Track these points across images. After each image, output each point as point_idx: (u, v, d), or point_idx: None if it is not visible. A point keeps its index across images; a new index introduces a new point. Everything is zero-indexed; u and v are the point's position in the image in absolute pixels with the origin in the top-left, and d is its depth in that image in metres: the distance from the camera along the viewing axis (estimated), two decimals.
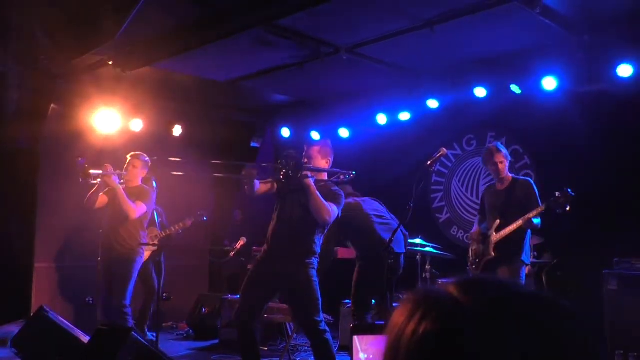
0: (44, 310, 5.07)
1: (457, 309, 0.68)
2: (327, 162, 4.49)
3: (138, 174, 5.79)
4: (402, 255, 5.32)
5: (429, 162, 4.60)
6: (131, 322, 5.68)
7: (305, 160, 4.40)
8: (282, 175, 4.11)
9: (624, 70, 5.48)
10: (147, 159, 5.87)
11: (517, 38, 5.48)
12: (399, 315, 0.72)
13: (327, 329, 4.21)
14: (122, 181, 5.60)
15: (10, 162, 6.48)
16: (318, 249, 4.33)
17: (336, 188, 4.43)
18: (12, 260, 6.57)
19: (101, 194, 5.65)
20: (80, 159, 5.39)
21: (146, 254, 6.48)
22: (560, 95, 5.99)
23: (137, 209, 5.57)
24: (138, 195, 5.68)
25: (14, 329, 5.20)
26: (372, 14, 5.03)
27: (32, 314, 5.59)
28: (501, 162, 4.96)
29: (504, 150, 5.03)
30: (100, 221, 5.83)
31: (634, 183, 5.61)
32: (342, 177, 4.60)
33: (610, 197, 5.74)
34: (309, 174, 4.23)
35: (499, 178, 5.02)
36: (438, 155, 4.75)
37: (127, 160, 5.79)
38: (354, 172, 4.57)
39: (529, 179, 5.04)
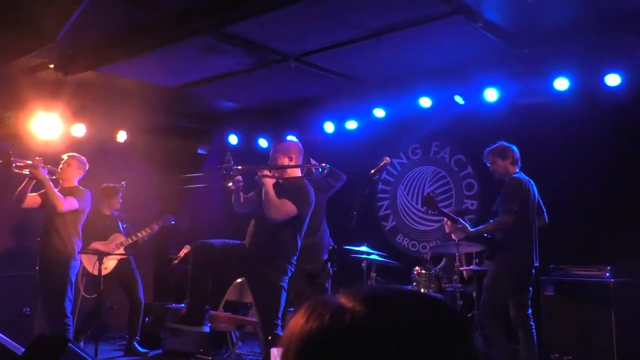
0: None
1: (339, 311, 0.75)
2: (290, 159, 4.46)
3: (73, 174, 5.61)
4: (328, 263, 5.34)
5: (372, 171, 4.66)
6: (72, 333, 5.51)
7: (268, 162, 4.44)
8: (226, 168, 4.16)
9: (561, 84, 5.71)
10: (84, 160, 5.71)
11: (460, 50, 5.63)
12: (294, 318, 0.80)
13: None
14: (53, 177, 5.40)
15: None
16: (293, 251, 4.30)
17: (303, 184, 4.39)
18: None
19: (35, 194, 5.46)
20: (5, 145, 5.19)
21: (111, 263, 6.30)
22: (502, 106, 6.18)
23: (65, 202, 5.34)
24: (71, 193, 5.50)
25: None
26: (320, 24, 5.08)
27: None
28: (493, 163, 4.96)
29: (500, 151, 4.93)
30: (38, 229, 5.65)
31: (570, 193, 5.83)
32: (313, 170, 4.59)
33: (547, 205, 5.93)
34: (269, 172, 4.25)
35: (499, 177, 5.02)
36: (382, 164, 4.81)
37: (63, 160, 5.62)
38: (327, 165, 4.54)
39: (516, 176, 4.85)
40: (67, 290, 5.39)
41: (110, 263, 6.29)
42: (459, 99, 6.37)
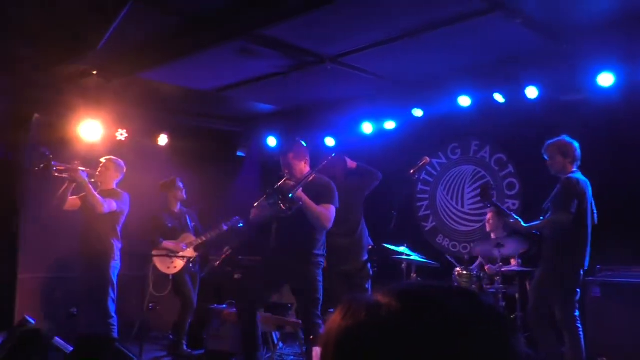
0: (26, 321, 5.03)
1: (375, 307, 0.76)
2: (305, 163, 4.58)
3: (111, 177, 5.78)
4: (369, 263, 5.35)
5: (412, 171, 4.63)
6: (116, 333, 5.63)
7: (286, 171, 4.49)
8: (284, 207, 4.26)
9: (605, 79, 5.54)
10: (122, 163, 5.86)
11: (499, 47, 5.53)
12: (332, 316, 0.81)
13: None
14: (92, 180, 5.57)
15: None
16: (323, 245, 4.48)
17: (325, 180, 4.53)
18: None
19: (75, 197, 5.60)
20: (45, 149, 5.38)
21: (180, 263, 6.44)
22: (543, 104, 6.05)
23: (105, 203, 5.49)
24: (109, 196, 5.65)
25: None
26: (355, 24, 5.05)
27: (14, 325, 5.53)
28: (551, 158, 4.83)
29: (561, 147, 4.79)
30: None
31: (616, 192, 5.67)
32: (324, 163, 4.68)
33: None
34: (291, 182, 4.36)
35: (555, 174, 4.89)
36: (421, 164, 4.78)
37: (101, 164, 5.80)
38: (333, 154, 4.65)
39: (574, 176, 4.70)
40: (108, 291, 5.52)
41: (179, 262, 6.46)
42: (498, 97, 6.26)
